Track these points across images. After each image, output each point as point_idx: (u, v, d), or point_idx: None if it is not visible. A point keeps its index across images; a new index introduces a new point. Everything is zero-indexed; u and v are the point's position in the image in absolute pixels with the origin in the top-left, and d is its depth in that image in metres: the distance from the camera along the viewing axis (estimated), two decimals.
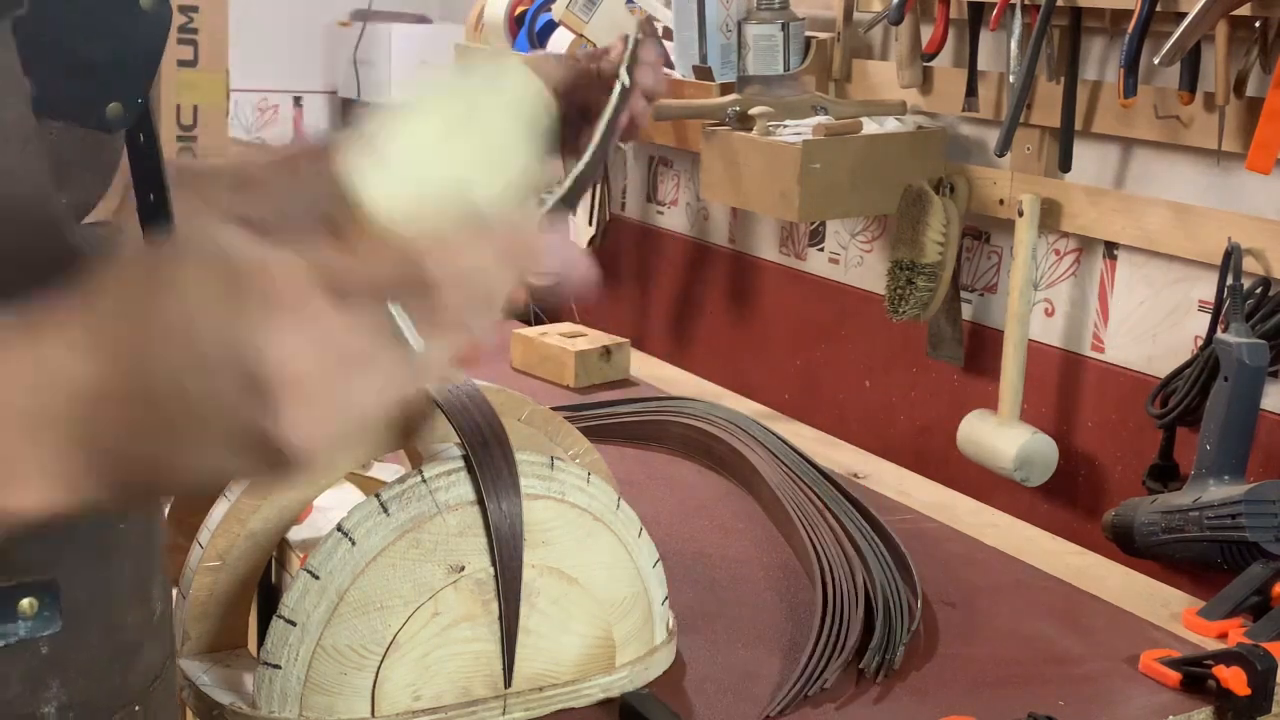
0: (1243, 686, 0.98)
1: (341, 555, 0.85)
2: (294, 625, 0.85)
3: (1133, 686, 1.03)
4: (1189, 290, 1.37)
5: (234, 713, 0.88)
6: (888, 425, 1.71)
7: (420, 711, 0.88)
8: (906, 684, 1.02)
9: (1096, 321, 1.48)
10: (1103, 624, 1.14)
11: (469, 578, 0.88)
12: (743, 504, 1.37)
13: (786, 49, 1.67)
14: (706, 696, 0.98)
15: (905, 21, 1.56)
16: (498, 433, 0.90)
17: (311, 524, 1.05)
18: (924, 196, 1.53)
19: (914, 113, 1.62)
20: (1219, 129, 1.28)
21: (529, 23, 2.13)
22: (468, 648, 0.89)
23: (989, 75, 1.53)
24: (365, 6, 2.71)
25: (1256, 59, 1.25)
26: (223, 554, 0.94)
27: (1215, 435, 1.23)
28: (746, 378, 1.92)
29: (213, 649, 0.96)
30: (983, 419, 1.51)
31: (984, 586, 1.21)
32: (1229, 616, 1.13)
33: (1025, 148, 1.49)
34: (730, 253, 1.99)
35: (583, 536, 0.92)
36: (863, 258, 1.78)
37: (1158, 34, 1.29)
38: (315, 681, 0.85)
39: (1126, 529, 1.27)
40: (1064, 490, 1.50)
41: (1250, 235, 1.28)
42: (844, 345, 1.80)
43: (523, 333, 1.84)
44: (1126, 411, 1.44)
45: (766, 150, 1.52)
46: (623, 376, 1.79)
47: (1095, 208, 1.44)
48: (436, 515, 0.86)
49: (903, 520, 1.32)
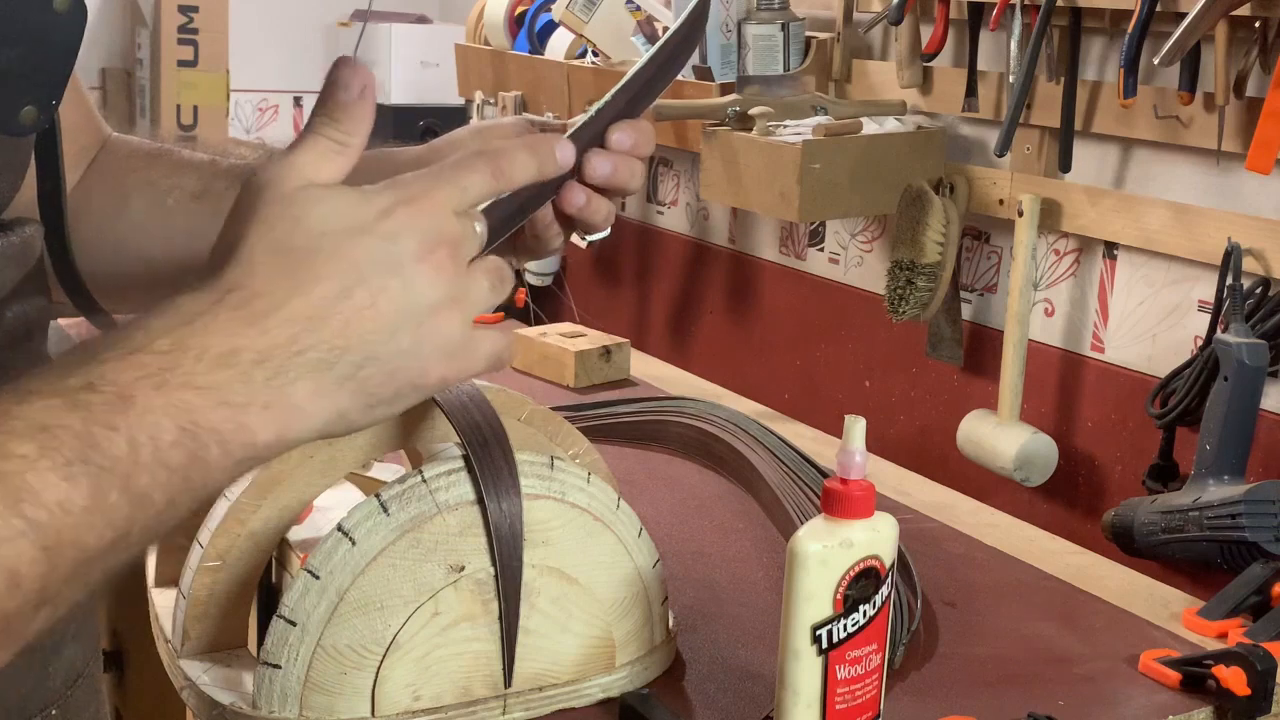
0: (1243, 686, 0.98)
1: (341, 555, 0.85)
2: (294, 625, 0.85)
3: (1132, 686, 1.03)
4: (1189, 290, 1.37)
5: (234, 713, 0.88)
6: (888, 425, 1.71)
7: (420, 711, 0.88)
8: (906, 684, 1.02)
9: (1096, 321, 1.48)
10: (1103, 624, 1.14)
11: (469, 578, 0.88)
12: (743, 504, 1.37)
13: (786, 49, 1.67)
14: (706, 696, 0.98)
15: (905, 21, 1.56)
16: (498, 433, 0.90)
17: (311, 524, 1.05)
18: (924, 196, 1.53)
19: (914, 113, 1.62)
20: (1219, 129, 1.28)
21: (529, 23, 2.13)
22: (468, 647, 0.89)
23: (989, 75, 1.53)
24: (365, 6, 2.71)
25: (1256, 59, 1.25)
26: (223, 554, 0.94)
27: (1215, 435, 1.23)
28: (746, 378, 1.92)
29: (213, 649, 0.96)
30: (982, 419, 1.51)
31: (984, 586, 1.21)
32: (1229, 616, 1.13)
33: (1025, 148, 1.49)
34: (730, 253, 1.99)
35: (583, 536, 0.92)
36: (863, 258, 1.78)
37: (1158, 34, 1.29)
38: (315, 681, 0.85)
39: (1126, 529, 1.28)
40: (1064, 490, 1.50)
41: (1250, 235, 1.28)
42: (844, 345, 1.80)
43: (523, 333, 1.84)
44: (1126, 411, 1.44)
45: (766, 150, 1.52)
46: (623, 376, 1.79)
47: (1095, 208, 1.44)
48: (436, 515, 0.86)
49: (903, 520, 1.32)
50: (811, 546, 0.82)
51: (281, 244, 0.59)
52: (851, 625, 0.83)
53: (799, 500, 1.29)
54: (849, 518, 0.83)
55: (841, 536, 0.82)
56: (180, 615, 0.95)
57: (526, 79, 2.10)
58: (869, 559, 0.83)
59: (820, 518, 0.84)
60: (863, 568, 0.83)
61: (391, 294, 0.60)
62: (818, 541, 0.82)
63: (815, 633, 0.82)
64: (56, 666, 0.74)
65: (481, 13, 2.24)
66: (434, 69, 2.60)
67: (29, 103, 0.65)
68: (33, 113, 0.65)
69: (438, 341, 0.62)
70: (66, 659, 0.75)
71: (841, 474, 0.83)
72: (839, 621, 0.83)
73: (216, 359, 0.56)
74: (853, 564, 0.82)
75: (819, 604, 0.82)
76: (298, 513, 0.97)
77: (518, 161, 0.67)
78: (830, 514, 0.83)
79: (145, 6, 2.56)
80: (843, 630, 0.83)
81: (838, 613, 0.83)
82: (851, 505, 0.83)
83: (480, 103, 2.24)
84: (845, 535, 0.82)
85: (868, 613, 0.84)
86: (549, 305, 2.30)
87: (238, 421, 0.56)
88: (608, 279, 2.25)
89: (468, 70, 2.29)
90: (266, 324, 0.57)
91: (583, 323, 2.02)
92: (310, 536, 1.02)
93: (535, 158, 0.68)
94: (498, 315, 2.14)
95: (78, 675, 0.77)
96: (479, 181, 0.65)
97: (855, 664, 0.84)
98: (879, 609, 0.84)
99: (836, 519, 0.83)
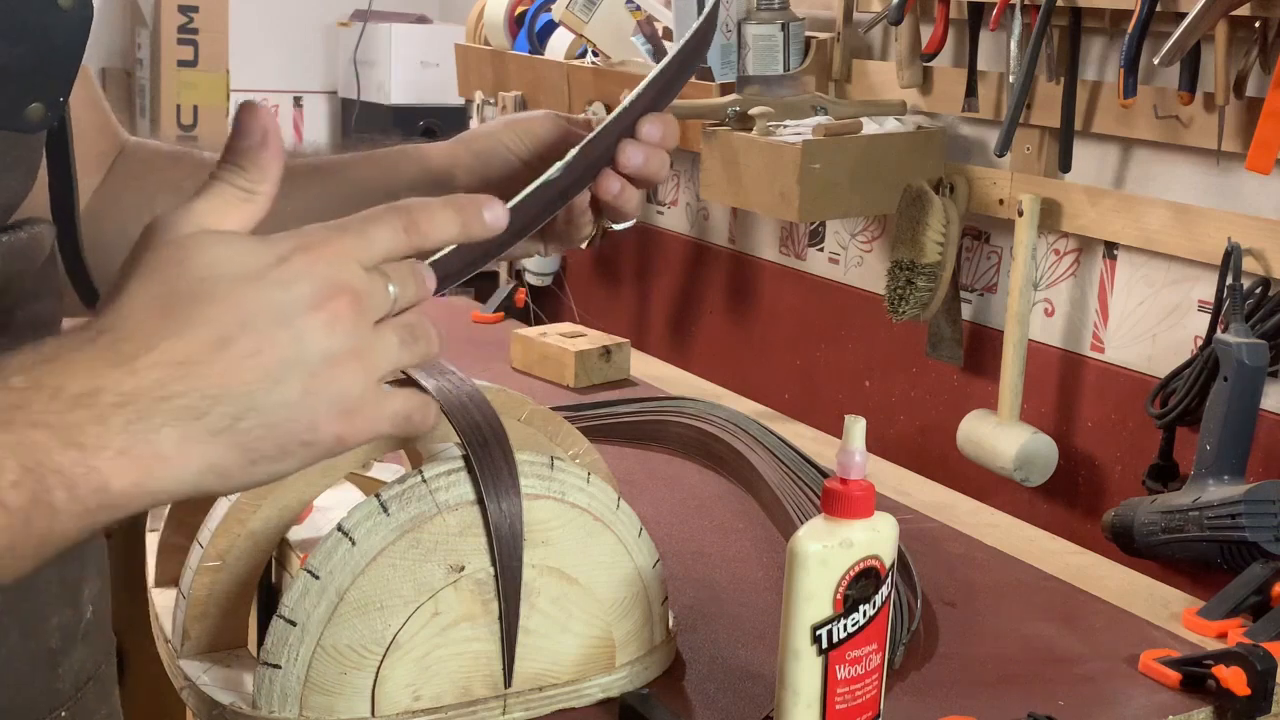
0: (1242, 686, 0.98)
1: (341, 555, 0.85)
2: (294, 625, 0.85)
3: (1132, 686, 1.03)
4: (1189, 290, 1.37)
5: (234, 713, 0.88)
6: (888, 425, 1.71)
7: (420, 711, 0.88)
8: (906, 684, 1.02)
9: (1096, 321, 1.48)
10: (1103, 624, 1.14)
11: (469, 578, 0.88)
12: (743, 504, 1.37)
13: (786, 49, 1.67)
14: (706, 696, 0.98)
15: (905, 21, 1.56)
16: (498, 433, 0.90)
17: (311, 524, 1.05)
18: (924, 196, 1.53)
19: (914, 113, 1.62)
20: (1219, 129, 1.28)
21: (529, 23, 2.13)
22: (468, 647, 0.89)
23: (989, 75, 1.53)
24: (365, 6, 2.71)
25: (1256, 59, 1.25)
26: (223, 554, 0.94)
27: (1215, 435, 1.23)
28: (746, 378, 1.92)
29: (213, 649, 0.96)
30: (982, 419, 1.51)
31: (984, 586, 1.21)
32: (1229, 616, 1.13)
33: (1025, 148, 1.49)
34: (730, 253, 1.99)
35: (583, 536, 0.92)
36: (863, 258, 1.78)
37: (1158, 34, 1.29)
38: (315, 681, 0.85)
39: (1126, 529, 1.28)
40: (1064, 490, 1.50)
41: (1250, 235, 1.28)
42: (844, 345, 1.80)
43: (523, 333, 1.84)
44: (1126, 411, 1.44)
45: (766, 150, 1.52)
46: (623, 376, 1.79)
47: (1095, 208, 1.44)
48: (436, 515, 0.86)
49: (902, 520, 1.32)
50: (811, 546, 0.82)
51: (164, 288, 0.56)
52: (851, 625, 0.83)
53: (799, 500, 1.29)
54: (849, 518, 0.83)
55: (841, 536, 0.82)
56: (180, 615, 0.95)
57: (526, 79, 2.10)
58: (869, 559, 0.83)
59: (820, 518, 0.84)
60: (863, 568, 0.83)
61: (279, 343, 0.56)
62: (818, 541, 0.82)
63: (815, 633, 0.82)
64: (66, 669, 0.74)
65: (481, 13, 2.24)
66: (434, 69, 2.60)
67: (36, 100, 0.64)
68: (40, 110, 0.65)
69: (330, 395, 0.58)
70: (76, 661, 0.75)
71: (841, 474, 0.83)
72: (839, 621, 0.83)
73: (72, 399, 0.53)
74: (853, 564, 0.82)
75: (819, 604, 0.82)
76: (298, 513, 0.97)
77: (437, 220, 0.63)
78: (830, 514, 0.83)
79: (145, 6, 2.56)
80: (843, 630, 0.83)
81: (838, 613, 0.83)
82: (851, 505, 0.83)
83: (480, 103, 2.24)
84: (845, 535, 0.83)
85: (868, 613, 0.84)
86: (549, 305, 2.30)
87: (88, 465, 0.53)
88: (608, 279, 2.25)
89: (468, 70, 2.29)
90: (134, 365, 0.54)
91: (583, 323, 2.02)
92: (310, 536, 1.02)
93: (459, 217, 0.64)
94: (498, 315, 2.14)
95: (88, 678, 0.77)
96: (387, 236, 0.61)
97: (855, 664, 0.84)
98: (879, 609, 0.84)
99: (836, 519, 0.83)
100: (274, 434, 0.57)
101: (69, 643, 0.74)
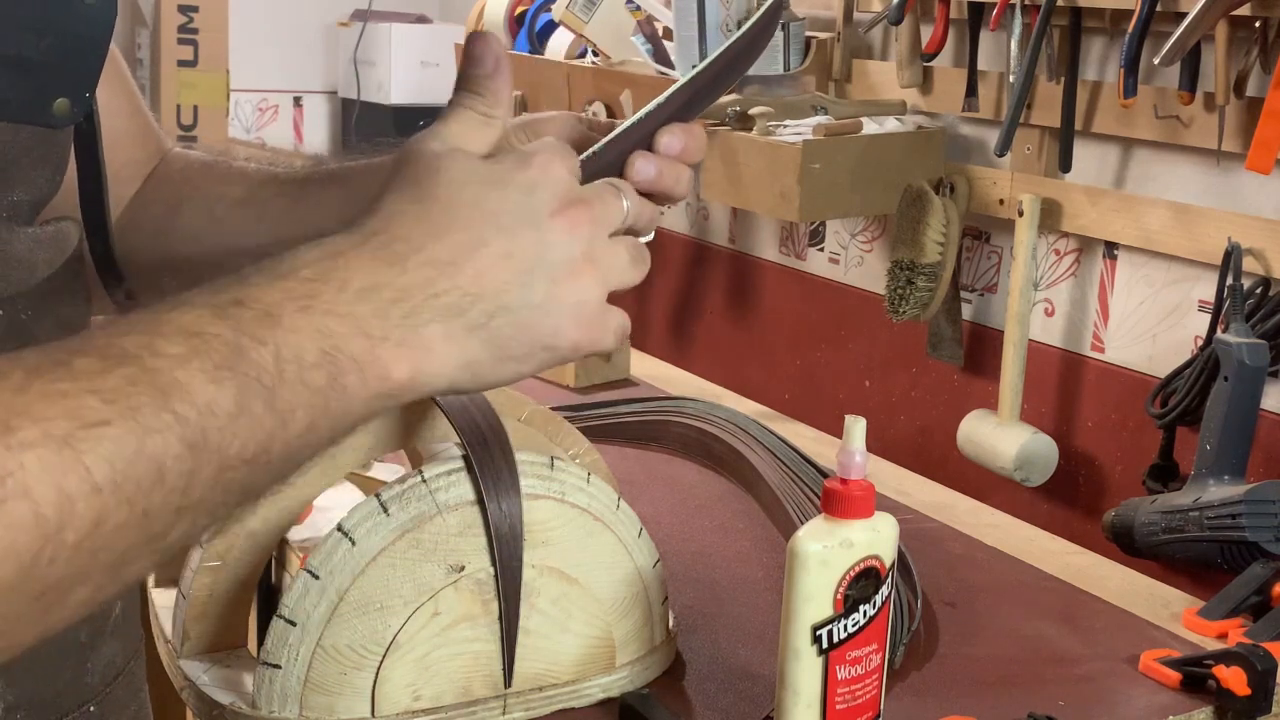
0: (1243, 686, 0.98)
1: (341, 555, 0.85)
2: (294, 625, 0.85)
3: (1133, 686, 1.03)
4: (1189, 290, 1.37)
5: (234, 713, 0.88)
6: (888, 425, 1.71)
7: (420, 711, 0.88)
8: (906, 684, 1.02)
9: (1096, 321, 1.48)
10: (1103, 624, 1.14)
11: (469, 578, 0.88)
12: (743, 504, 1.37)
13: (786, 49, 1.67)
14: (706, 696, 0.98)
15: (905, 21, 1.56)
16: (498, 433, 0.90)
17: (311, 524, 1.05)
18: (924, 196, 1.53)
19: (914, 113, 1.62)
20: (1219, 129, 1.28)
21: (529, 23, 2.13)
22: (468, 647, 0.89)
23: (989, 75, 1.53)
24: (365, 6, 2.71)
25: (1256, 59, 1.25)
26: (223, 554, 0.94)
27: (1215, 435, 1.23)
28: (746, 378, 1.92)
29: (213, 649, 0.96)
30: (982, 419, 1.51)
31: (984, 586, 1.21)
32: (1229, 616, 1.13)
33: (1025, 148, 1.49)
34: (730, 253, 1.99)
35: (583, 536, 0.92)
36: (863, 258, 1.78)
37: (1158, 34, 1.29)
38: (315, 681, 0.85)
39: (1126, 529, 1.28)
40: (1064, 490, 1.50)
41: (1250, 235, 1.28)
42: (844, 345, 1.80)
43: None
44: (1126, 411, 1.44)
45: (766, 150, 1.52)
46: (623, 376, 1.79)
47: (1095, 208, 1.44)
48: (436, 515, 0.86)
49: (902, 520, 1.31)
50: (812, 546, 0.82)
51: (423, 196, 0.61)
52: (851, 625, 0.83)
53: (799, 500, 1.29)
54: (849, 518, 0.83)
55: (841, 536, 0.82)
56: (180, 615, 0.95)
57: (527, 79, 2.10)
58: (869, 559, 0.83)
59: (820, 518, 0.84)
60: (863, 568, 0.83)
61: (526, 244, 0.61)
62: (818, 541, 0.82)
63: (815, 633, 0.82)
64: (95, 663, 0.74)
65: (481, 13, 2.24)
66: (434, 69, 2.60)
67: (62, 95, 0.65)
68: (65, 105, 0.65)
69: (571, 301, 0.62)
70: (106, 655, 0.75)
71: (842, 474, 0.83)
72: (839, 621, 0.83)
73: (357, 292, 0.57)
74: (853, 564, 0.82)
75: (819, 604, 0.82)
76: (298, 513, 0.97)
77: None
78: (830, 514, 0.83)
79: (145, 6, 2.56)
80: (843, 630, 0.83)
81: (838, 613, 0.83)
82: (852, 505, 0.83)
83: None
84: (845, 535, 0.82)
85: (868, 613, 0.84)
86: None
87: (374, 354, 0.57)
88: None
89: None
90: (405, 265, 0.59)
91: None
92: (310, 536, 1.03)
93: None
94: None
95: (117, 673, 0.77)
96: None
97: (855, 664, 0.84)
98: (879, 609, 0.84)
99: (837, 519, 0.83)
100: (522, 334, 0.61)
101: (98, 637, 0.74)
